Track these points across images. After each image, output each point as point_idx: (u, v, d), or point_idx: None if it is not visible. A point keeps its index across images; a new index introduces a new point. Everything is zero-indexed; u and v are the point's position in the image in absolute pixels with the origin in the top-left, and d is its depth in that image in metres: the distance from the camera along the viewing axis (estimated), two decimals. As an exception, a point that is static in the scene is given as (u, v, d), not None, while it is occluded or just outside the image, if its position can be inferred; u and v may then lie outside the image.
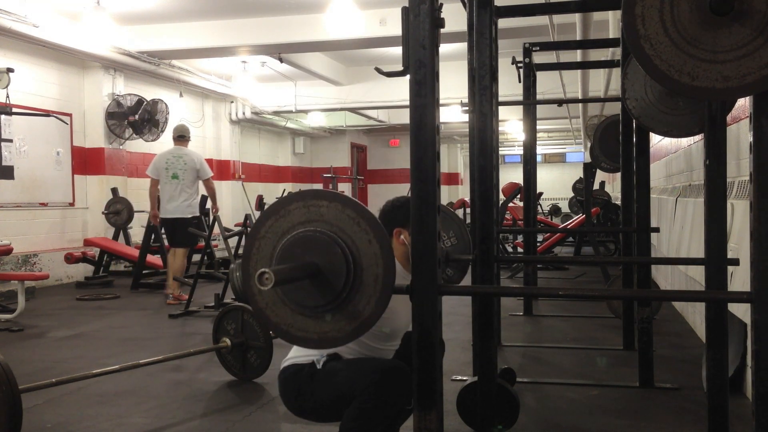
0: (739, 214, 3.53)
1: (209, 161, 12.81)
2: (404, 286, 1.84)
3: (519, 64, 5.77)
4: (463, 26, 3.19)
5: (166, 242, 7.56)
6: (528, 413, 3.24)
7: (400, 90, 11.64)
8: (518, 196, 8.96)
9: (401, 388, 2.13)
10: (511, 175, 19.72)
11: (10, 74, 7.28)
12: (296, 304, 1.82)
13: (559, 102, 7.91)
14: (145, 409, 3.44)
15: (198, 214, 7.03)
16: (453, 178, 23.37)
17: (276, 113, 13.61)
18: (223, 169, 13.08)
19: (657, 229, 4.33)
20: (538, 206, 12.05)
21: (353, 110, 13.72)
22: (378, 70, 2.21)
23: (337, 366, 2.26)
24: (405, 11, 1.80)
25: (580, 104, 11.53)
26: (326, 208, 1.80)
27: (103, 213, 8.98)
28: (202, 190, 7.35)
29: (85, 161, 9.40)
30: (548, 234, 10.09)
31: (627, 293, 4.27)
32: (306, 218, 1.81)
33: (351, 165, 18.49)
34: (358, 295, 1.77)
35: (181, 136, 7.11)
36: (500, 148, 14.50)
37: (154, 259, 8.26)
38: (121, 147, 9.78)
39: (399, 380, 2.14)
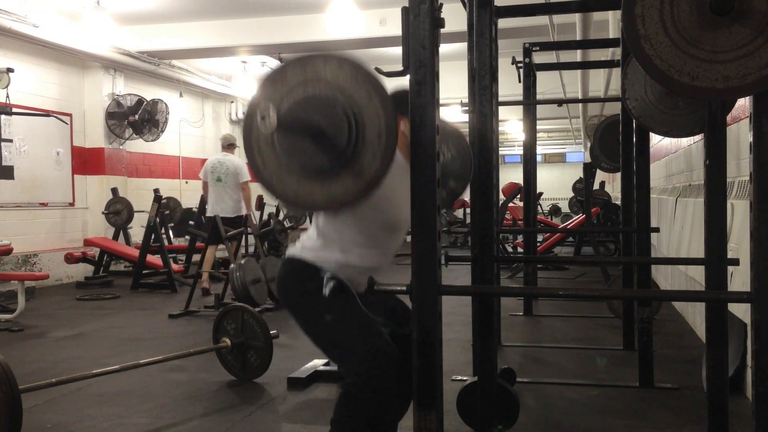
0: (739, 214, 3.53)
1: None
2: (405, 287, 1.84)
3: (519, 64, 5.77)
4: (463, 26, 3.19)
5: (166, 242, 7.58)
6: (528, 413, 3.24)
7: (400, 90, 11.62)
8: (518, 196, 8.96)
9: (386, 376, 2.08)
10: (511, 175, 19.71)
11: (10, 74, 7.28)
12: (301, 169, 1.79)
13: (559, 102, 7.91)
14: (145, 409, 3.44)
15: (243, 213, 7.45)
16: (453, 178, 23.32)
17: (276, 113, 13.60)
18: (223, 169, 13.06)
19: (657, 229, 4.33)
20: (538, 206, 12.05)
21: (353, 110, 13.71)
22: (378, 70, 2.21)
23: (340, 310, 2.16)
24: (405, 11, 1.80)
25: (580, 104, 11.54)
26: (323, 68, 1.77)
27: (103, 213, 8.98)
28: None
29: (85, 161, 9.41)
30: (548, 234, 10.09)
31: (627, 293, 4.27)
32: (303, 79, 1.79)
33: (351, 165, 18.46)
34: (363, 152, 1.74)
35: (231, 144, 7.75)
36: (500, 148, 14.49)
37: (154, 259, 8.26)
38: (121, 147, 9.78)
39: (387, 368, 2.08)
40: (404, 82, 1.87)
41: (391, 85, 2.23)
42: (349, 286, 2.20)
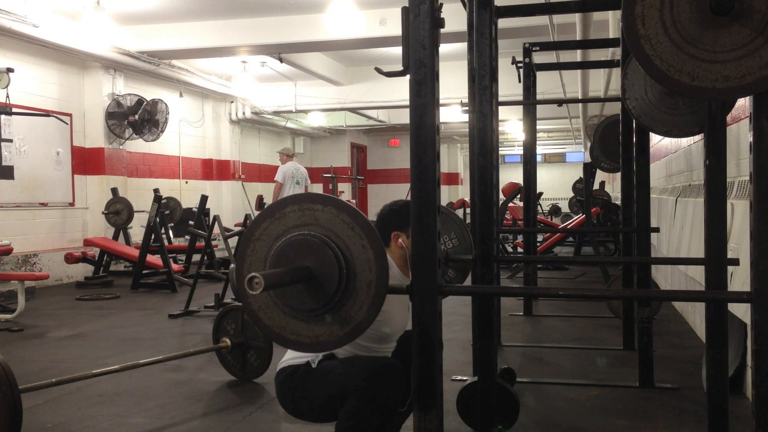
0: (739, 214, 3.52)
1: (209, 161, 12.88)
2: (404, 286, 1.84)
3: (519, 64, 5.76)
4: (463, 26, 3.19)
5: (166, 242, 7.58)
6: (528, 413, 3.24)
7: (400, 90, 11.64)
8: (518, 196, 8.96)
9: (392, 386, 2.14)
10: (511, 175, 19.72)
11: (10, 74, 7.28)
12: (289, 308, 1.82)
13: (559, 102, 7.91)
14: (145, 409, 3.44)
15: None
16: (453, 178, 23.37)
17: (276, 113, 13.62)
18: (223, 169, 13.09)
19: (657, 229, 4.33)
20: (538, 206, 12.05)
21: (353, 110, 13.73)
22: (378, 70, 2.21)
23: (330, 365, 2.27)
24: (405, 11, 1.80)
25: (580, 104, 11.54)
26: (321, 212, 1.79)
27: (103, 213, 8.99)
28: (204, 190, 7.48)
29: (85, 161, 9.41)
30: (548, 234, 10.09)
31: (627, 293, 4.27)
32: (301, 221, 1.81)
33: (351, 165, 18.50)
34: (351, 300, 1.77)
35: (294, 155, 10.26)
36: (500, 148, 14.51)
37: (154, 259, 8.26)
38: (121, 147, 9.78)
39: (389, 378, 2.15)
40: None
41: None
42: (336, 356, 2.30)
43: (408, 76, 1.81)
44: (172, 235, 9.94)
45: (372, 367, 2.17)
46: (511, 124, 15.36)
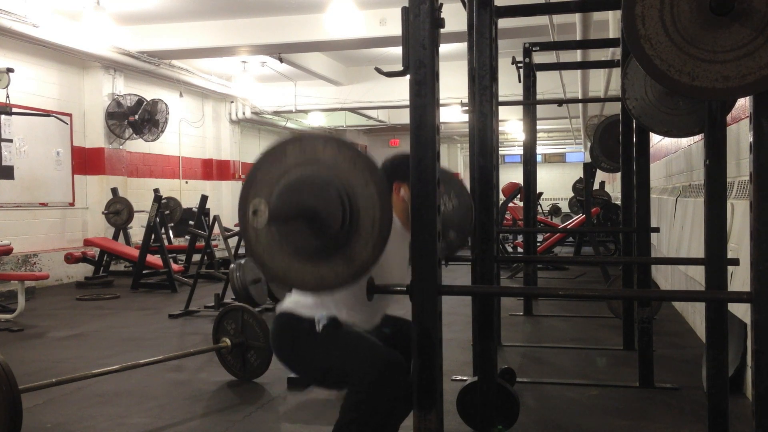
0: (739, 214, 3.52)
1: (209, 161, 12.88)
2: (404, 287, 1.84)
3: (519, 64, 5.77)
4: (463, 26, 3.19)
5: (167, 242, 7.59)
6: (528, 413, 3.24)
7: (400, 90, 11.63)
8: (518, 196, 8.97)
9: (397, 383, 2.11)
10: (511, 175, 19.72)
11: (10, 74, 7.28)
12: (293, 248, 1.78)
13: (559, 102, 7.91)
14: (145, 409, 3.44)
15: None
16: (453, 178, 23.35)
17: (276, 113, 13.62)
18: (223, 169, 13.08)
19: (657, 229, 4.33)
20: (538, 206, 12.05)
21: (353, 110, 13.72)
22: (378, 70, 2.21)
23: (336, 338, 2.19)
24: (405, 11, 1.80)
25: (580, 104, 11.54)
26: (322, 150, 1.76)
27: (103, 213, 8.99)
28: (204, 191, 7.49)
29: (85, 161, 9.41)
30: (548, 234, 10.09)
31: (627, 293, 4.27)
32: (302, 160, 1.78)
33: (351, 165, 18.48)
34: (355, 239, 1.73)
35: None
36: (500, 148, 14.50)
37: (154, 259, 8.26)
38: (121, 147, 9.78)
39: (395, 376, 2.11)
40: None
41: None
42: (340, 323, 2.23)
43: (408, 76, 1.81)
44: (172, 235, 9.94)
45: (377, 362, 2.11)
46: (511, 124, 15.36)
